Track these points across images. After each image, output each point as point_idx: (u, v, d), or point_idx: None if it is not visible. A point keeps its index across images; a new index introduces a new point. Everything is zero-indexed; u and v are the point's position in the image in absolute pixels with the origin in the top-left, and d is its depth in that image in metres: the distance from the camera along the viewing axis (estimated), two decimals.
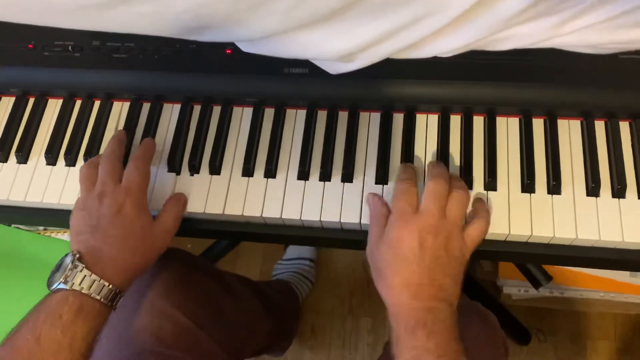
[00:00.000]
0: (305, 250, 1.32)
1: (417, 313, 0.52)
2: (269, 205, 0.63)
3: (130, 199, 0.57)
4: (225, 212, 0.64)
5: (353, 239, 0.64)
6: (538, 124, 0.65)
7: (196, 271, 0.77)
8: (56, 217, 0.69)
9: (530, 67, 0.63)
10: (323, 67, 0.60)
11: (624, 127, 0.64)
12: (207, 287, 0.76)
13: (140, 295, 0.70)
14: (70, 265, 0.53)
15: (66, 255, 0.55)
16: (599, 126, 0.64)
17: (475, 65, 0.63)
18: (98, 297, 0.53)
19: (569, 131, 0.64)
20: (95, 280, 0.53)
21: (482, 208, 0.58)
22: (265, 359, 1.27)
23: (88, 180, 0.60)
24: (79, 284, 0.53)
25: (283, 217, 0.63)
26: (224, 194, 0.64)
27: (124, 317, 0.69)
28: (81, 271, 0.53)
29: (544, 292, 1.18)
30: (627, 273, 1.11)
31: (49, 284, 0.54)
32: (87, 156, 0.68)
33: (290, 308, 1.18)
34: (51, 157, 0.68)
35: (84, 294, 0.53)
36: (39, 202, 0.67)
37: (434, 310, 0.52)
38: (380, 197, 0.60)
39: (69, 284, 0.53)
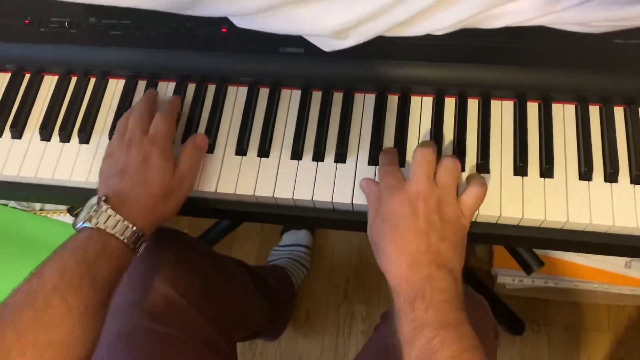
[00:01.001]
0: (301, 237, 1.32)
1: (415, 283, 0.51)
2: (262, 184, 0.64)
3: (155, 147, 0.59)
4: (218, 191, 0.64)
5: (345, 220, 0.64)
6: (532, 108, 0.64)
7: (190, 250, 0.78)
8: (50, 192, 0.69)
9: (526, 51, 0.63)
10: (317, 44, 0.59)
11: (618, 112, 0.63)
12: (201, 266, 0.77)
13: (133, 272, 0.70)
14: (95, 205, 0.55)
15: (92, 197, 0.56)
16: (594, 111, 0.64)
17: (471, 48, 0.63)
18: (121, 238, 0.55)
19: (563, 115, 0.64)
20: (119, 221, 0.55)
21: (476, 177, 0.58)
22: (258, 343, 1.28)
23: (120, 132, 0.62)
24: (104, 223, 0.54)
25: (275, 196, 0.63)
26: (217, 172, 0.65)
27: (118, 293, 0.69)
28: (106, 211, 0.55)
29: (538, 282, 1.18)
30: (622, 264, 1.11)
31: (74, 224, 0.56)
32: (81, 132, 0.68)
33: (285, 293, 1.19)
34: (45, 133, 0.68)
35: (109, 233, 0.54)
36: (32, 177, 0.67)
37: (433, 279, 0.51)
38: (373, 179, 0.61)
39: (94, 221, 0.54)
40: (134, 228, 0.56)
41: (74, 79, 0.72)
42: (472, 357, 0.49)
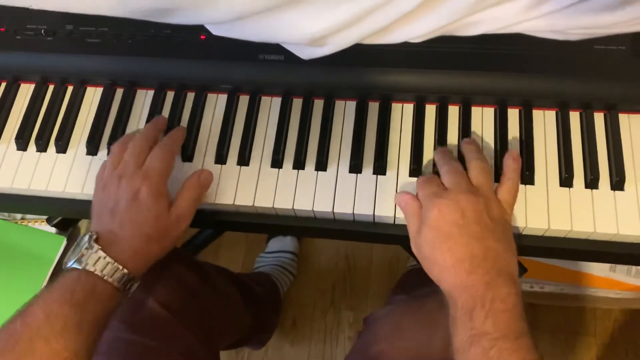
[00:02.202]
0: (287, 244, 1.31)
1: (475, 291, 0.49)
2: (242, 193, 0.63)
3: (146, 184, 0.56)
4: None
5: (328, 228, 0.64)
6: (513, 114, 0.64)
7: (173, 261, 0.77)
8: (28, 203, 0.68)
9: (506, 57, 0.62)
10: (295, 52, 0.59)
11: (599, 119, 0.63)
12: (182, 276, 0.76)
13: None
14: (86, 245, 0.53)
15: (85, 234, 0.55)
16: (574, 117, 0.64)
17: (451, 54, 0.62)
18: (110, 280, 0.53)
19: (544, 121, 0.64)
20: (109, 263, 0.53)
21: (510, 169, 0.57)
22: (245, 351, 1.27)
23: (115, 159, 0.59)
24: (93, 265, 0.53)
25: (256, 205, 0.62)
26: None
27: None
28: (96, 252, 0.53)
29: (524, 287, 1.18)
30: (607, 268, 1.11)
31: (64, 262, 0.54)
32: (58, 142, 0.67)
33: (270, 300, 1.18)
34: (22, 143, 0.67)
35: (97, 275, 0.53)
36: (8, 187, 0.66)
37: (494, 286, 0.49)
38: (407, 192, 0.58)
39: (83, 264, 0.53)
40: (124, 271, 0.54)
41: (51, 87, 0.71)
42: None
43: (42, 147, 0.67)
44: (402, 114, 0.66)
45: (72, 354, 0.49)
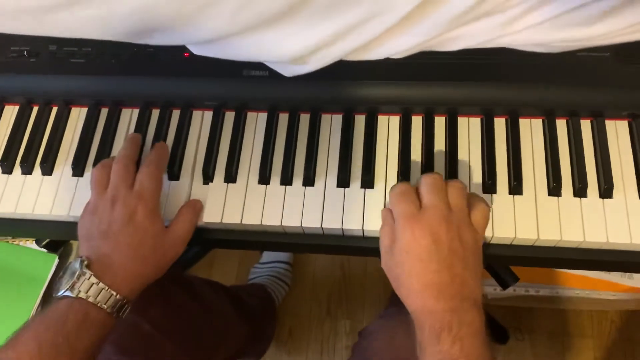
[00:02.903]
0: (281, 254, 1.31)
1: (441, 316, 0.49)
2: (229, 211, 0.62)
3: (142, 205, 0.56)
4: None
5: (317, 244, 0.63)
6: (500, 124, 0.64)
7: (161, 280, 0.76)
8: (14, 227, 0.67)
9: (490, 67, 0.62)
10: (278, 70, 0.59)
11: (585, 126, 0.63)
12: (172, 294, 0.75)
13: None
14: (78, 271, 0.52)
15: (75, 260, 0.54)
16: (561, 125, 0.64)
17: (435, 66, 0.62)
18: (104, 307, 0.52)
19: (531, 130, 0.64)
20: (102, 289, 0.52)
21: (474, 195, 0.57)
22: None
23: (99, 184, 0.58)
24: (86, 292, 0.52)
25: (243, 222, 0.62)
26: (183, 200, 0.63)
27: None
28: (89, 279, 0.52)
29: (519, 291, 1.17)
30: None
31: (55, 290, 0.53)
32: (44, 164, 0.66)
33: (265, 312, 1.18)
34: (7, 165, 0.67)
35: (90, 302, 0.52)
36: None
37: (459, 312, 0.50)
38: (387, 208, 0.58)
39: (75, 291, 0.52)
40: (118, 296, 0.53)
41: (35, 109, 0.70)
42: None
43: (27, 170, 0.67)
44: (389, 126, 0.65)
45: None
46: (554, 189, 0.60)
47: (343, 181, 0.62)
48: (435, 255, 0.51)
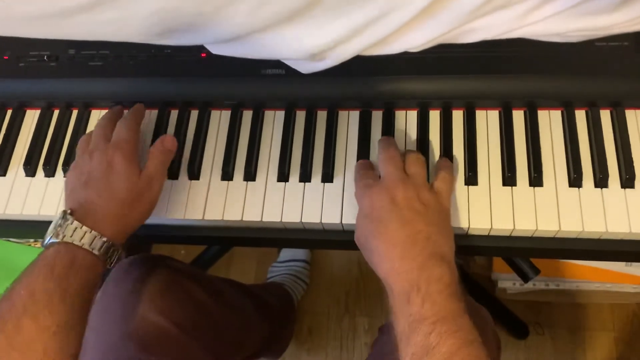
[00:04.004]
0: (299, 252, 1.31)
1: (409, 275, 0.49)
2: (249, 208, 0.63)
3: (118, 153, 0.58)
4: (205, 218, 0.63)
5: (336, 240, 0.64)
6: (518, 116, 0.64)
7: (182, 277, 0.77)
8: (38, 228, 0.68)
9: (507, 59, 0.62)
10: (295, 67, 0.59)
11: (605, 116, 0.63)
12: (194, 293, 0.76)
13: (125, 303, 0.69)
14: (60, 220, 0.54)
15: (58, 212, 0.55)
16: (580, 116, 0.63)
17: (452, 59, 0.62)
18: (90, 249, 0.53)
19: (550, 122, 0.63)
20: (86, 232, 0.53)
21: (443, 161, 0.59)
22: None
23: (84, 143, 0.62)
24: (71, 236, 0.53)
25: (264, 219, 0.62)
26: (203, 199, 0.64)
27: (109, 325, 0.68)
28: (72, 223, 0.53)
29: (539, 285, 1.17)
30: (622, 263, 1.10)
31: (42, 241, 0.55)
32: (65, 166, 0.67)
33: (285, 310, 1.18)
34: (30, 169, 0.68)
35: (76, 245, 0.53)
36: (19, 214, 0.66)
37: (427, 268, 0.49)
38: None
39: (60, 236, 0.53)
40: (103, 238, 0.54)
41: (56, 112, 0.71)
42: (470, 352, 0.47)
43: (50, 172, 0.68)
44: (406, 121, 0.65)
45: (60, 328, 0.50)
46: (575, 180, 0.59)
47: None
48: (395, 213, 0.52)
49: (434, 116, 0.65)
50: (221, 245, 1.24)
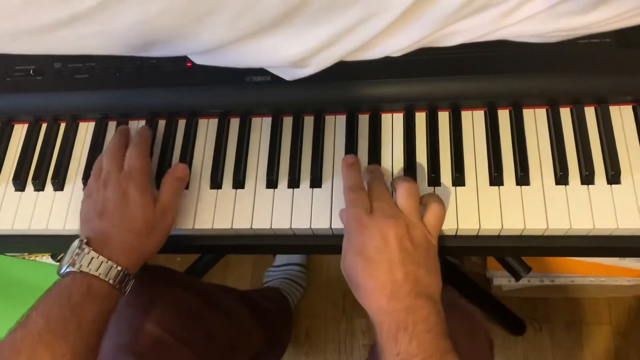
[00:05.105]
0: (294, 256, 1.31)
1: (397, 315, 0.50)
2: (239, 216, 0.63)
3: (132, 183, 0.59)
4: (196, 227, 0.63)
5: (327, 244, 0.64)
6: (504, 115, 0.64)
7: (176, 287, 0.77)
8: (30, 243, 0.69)
9: (491, 59, 0.62)
10: (279, 74, 0.59)
11: (590, 113, 0.63)
12: (188, 302, 0.76)
13: (119, 314, 0.69)
14: (77, 249, 0.54)
15: (74, 241, 0.56)
16: (565, 113, 0.64)
17: (436, 61, 0.62)
18: (106, 279, 0.54)
19: (535, 120, 0.64)
20: (102, 262, 0.54)
21: (433, 196, 0.58)
22: None
23: (96, 170, 0.62)
24: (87, 266, 0.54)
25: (254, 227, 0.62)
26: (193, 208, 0.64)
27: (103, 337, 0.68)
28: (88, 253, 0.54)
29: (534, 281, 1.17)
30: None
31: (58, 270, 0.55)
32: (55, 180, 0.67)
33: (281, 314, 1.18)
34: (19, 183, 0.68)
35: (92, 275, 0.54)
36: (8, 229, 0.66)
37: (414, 309, 0.51)
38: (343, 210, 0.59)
39: (77, 265, 0.54)
40: (119, 268, 0.55)
41: (44, 126, 0.72)
42: None
43: (39, 186, 0.68)
44: (393, 124, 0.66)
45: (75, 356, 0.50)
46: (561, 178, 0.60)
47: None
48: (386, 254, 0.52)
49: (420, 118, 0.65)
50: (213, 253, 1.24)
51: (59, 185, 0.67)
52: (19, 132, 0.72)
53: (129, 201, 0.58)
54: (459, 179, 0.61)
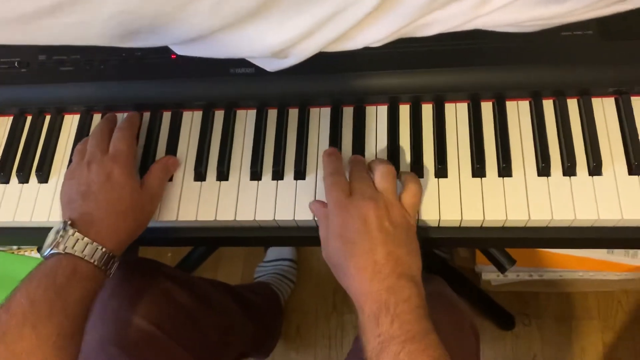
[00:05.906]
0: (285, 251, 1.31)
1: (378, 296, 0.50)
2: (223, 208, 0.63)
3: (117, 165, 0.59)
4: (179, 219, 0.63)
5: (311, 236, 0.64)
6: (487, 107, 0.64)
7: (163, 279, 0.77)
8: (13, 235, 0.69)
9: (473, 51, 0.62)
10: (260, 65, 0.59)
11: (572, 105, 0.63)
12: (175, 295, 0.76)
13: (104, 306, 0.69)
14: (61, 230, 0.54)
15: (57, 223, 0.56)
16: (548, 105, 0.64)
17: (418, 54, 0.62)
18: (91, 260, 0.54)
19: (518, 112, 0.64)
20: (88, 243, 0.54)
21: (410, 175, 0.58)
22: None
23: (78, 154, 0.62)
24: (72, 248, 0.54)
25: (237, 219, 0.63)
26: (177, 200, 0.64)
27: (88, 329, 0.68)
28: (73, 235, 0.54)
29: (523, 276, 1.18)
30: (604, 250, 1.11)
31: (42, 252, 0.55)
32: (39, 172, 0.67)
33: (271, 309, 1.18)
34: (3, 176, 0.68)
35: (78, 256, 0.53)
36: None
37: (396, 290, 0.50)
38: (320, 200, 0.60)
39: (62, 247, 0.53)
40: (104, 249, 0.55)
41: (29, 119, 0.71)
42: None
43: (23, 179, 0.68)
44: (377, 116, 0.66)
45: (60, 337, 0.50)
46: (543, 170, 0.60)
47: None
48: (366, 235, 0.52)
49: (404, 110, 0.65)
50: (196, 245, 1.24)
51: (43, 178, 0.67)
52: (4, 124, 0.72)
53: (114, 183, 0.58)
54: (441, 171, 0.61)
